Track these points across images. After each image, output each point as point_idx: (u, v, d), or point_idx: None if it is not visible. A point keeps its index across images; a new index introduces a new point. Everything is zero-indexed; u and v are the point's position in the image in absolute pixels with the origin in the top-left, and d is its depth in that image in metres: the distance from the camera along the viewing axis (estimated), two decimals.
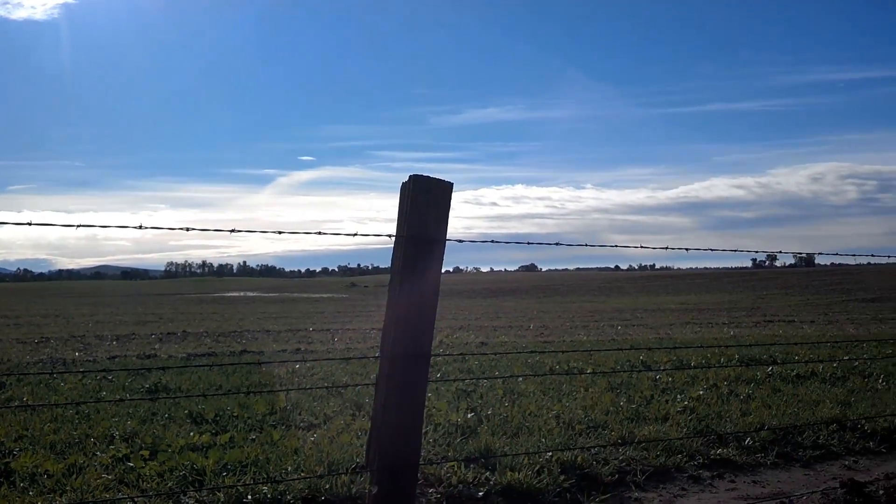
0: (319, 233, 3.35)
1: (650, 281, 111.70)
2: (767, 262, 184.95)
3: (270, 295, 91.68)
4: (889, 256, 5.34)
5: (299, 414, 6.09)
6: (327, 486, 3.97)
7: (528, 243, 4.24)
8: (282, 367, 9.37)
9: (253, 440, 5.11)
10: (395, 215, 3.28)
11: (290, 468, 4.36)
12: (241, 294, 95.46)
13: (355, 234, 3.50)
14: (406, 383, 3.22)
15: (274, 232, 3.29)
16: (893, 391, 7.38)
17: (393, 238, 3.28)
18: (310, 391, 7.10)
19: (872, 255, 5.17)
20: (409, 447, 3.27)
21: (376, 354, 3.32)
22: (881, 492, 4.10)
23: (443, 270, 3.33)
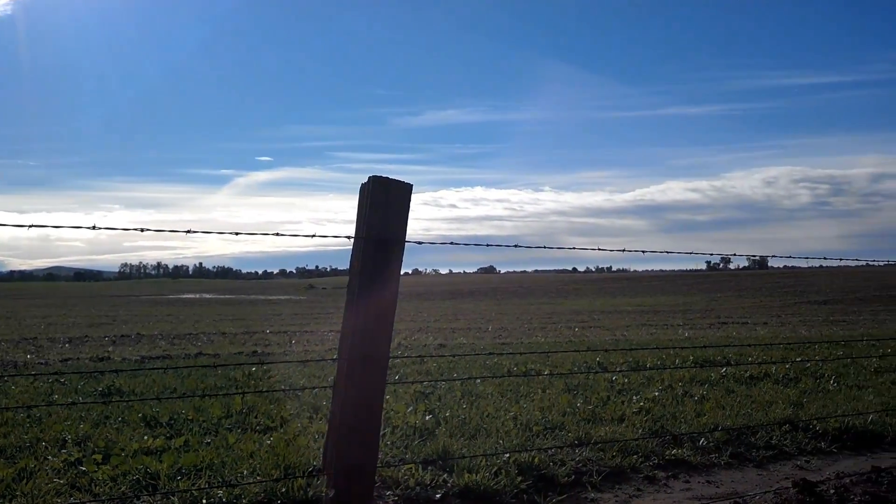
0: (277, 234, 3.33)
1: (607, 283, 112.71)
2: (721, 265, 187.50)
3: (227, 297, 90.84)
4: (841, 259, 5.45)
5: (255, 417, 6.04)
6: (283, 490, 3.94)
7: (487, 245, 4.26)
8: (238, 370, 9.28)
9: (208, 444, 5.05)
10: (354, 217, 3.27)
11: (245, 472, 4.32)
12: (197, 296, 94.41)
13: (313, 236, 3.49)
14: (364, 386, 3.21)
15: (231, 233, 3.26)
16: (844, 392, 7.53)
17: (352, 239, 3.27)
18: (266, 394, 7.04)
19: (825, 258, 5.28)
20: (366, 450, 3.26)
21: (334, 357, 3.31)
22: (832, 491, 4.18)
23: (402, 272, 3.32)
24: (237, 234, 3.30)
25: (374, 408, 3.27)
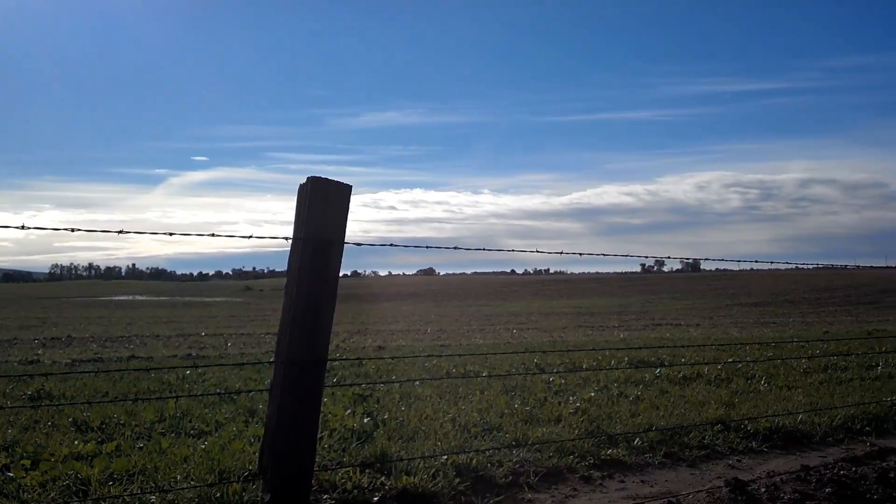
0: (213, 234, 3.28)
1: (545, 285, 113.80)
2: (656, 268, 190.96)
3: (161, 299, 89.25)
4: (771, 262, 5.59)
5: (190, 421, 5.95)
6: (218, 495, 3.88)
7: (427, 247, 4.26)
8: (172, 374, 9.13)
9: (141, 448, 4.96)
10: (293, 217, 3.24)
11: (179, 477, 4.25)
12: (130, 298, 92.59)
13: (250, 237, 3.45)
14: (301, 389, 3.19)
15: (164, 233, 3.20)
16: (775, 392, 7.71)
17: (290, 241, 3.24)
18: (201, 398, 6.94)
19: (756, 261, 5.41)
20: (303, 453, 3.23)
21: (271, 360, 3.27)
22: (763, 490, 4.27)
23: (341, 274, 3.30)
24: (171, 234, 3.24)
25: (312, 411, 3.24)
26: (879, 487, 4.34)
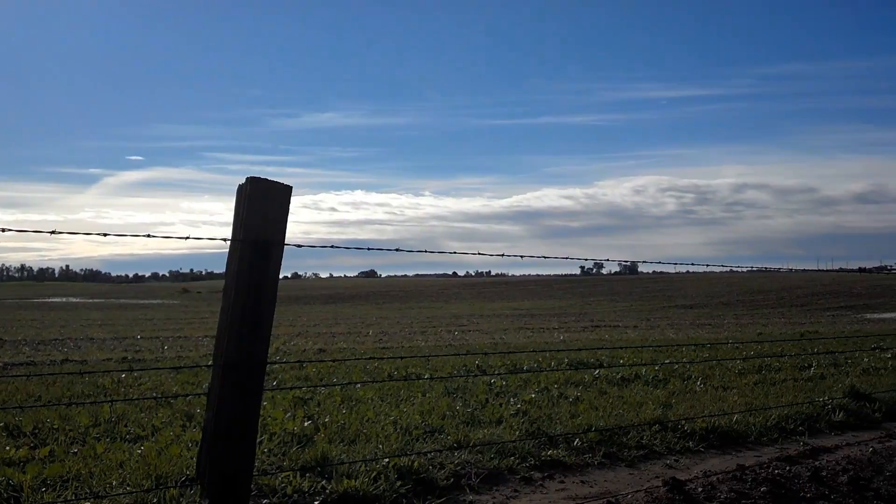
0: (148, 235, 3.22)
1: (486, 287, 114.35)
2: (595, 270, 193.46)
3: (95, 301, 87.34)
4: (707, 265, 5.69)
5: (126, 426, 5.83)
6: (155, 501, 3.80)
7: (368, 249, 4.24)
8: (107, 377, 8.93)
9: (75, 454, 4.84)
10: (231, 219, 3.19)
11: (115, 482, 4.16)
12: (64, 300, 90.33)
13: (187, 238, 3.38)
14: (240, 392, 3.14)
15: (99, 234, 3.12)
16: (711, 393, 7.86)
17: (228, 242, 3.19)
18: (137, 402, 6.80)
19: (692, 264, 5.50)
20: (242, 458, 3.18)
21: (209, 363, 3.22)
22: (700, 489, 4.34)
23: (281, 276, 3.26)
24: (105, 234, 3.17)
25: (251, 415, 3.20)
26: (813, 486, 4.44)
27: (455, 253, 4.48)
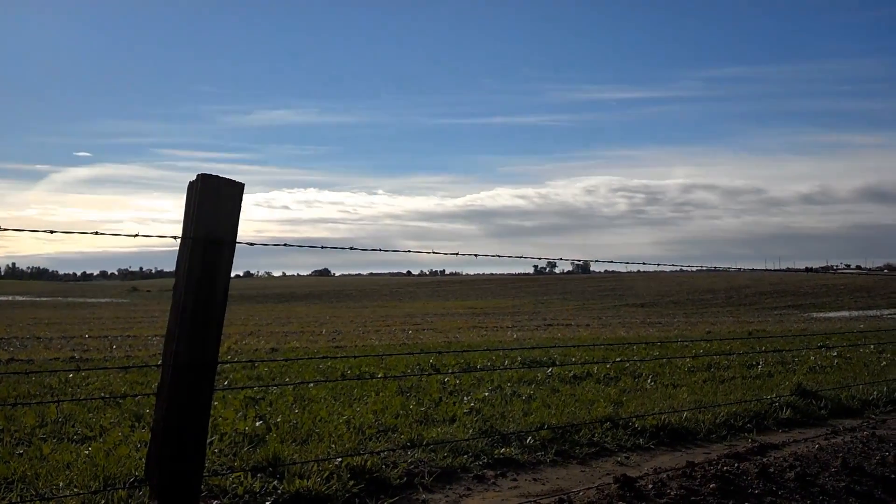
0: (96, 233, 3.15)
1: (440, 286, 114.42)
2: (548, 269, 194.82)
3: (42, 299, 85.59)
4: (658, 264, 5.74)
5: (73, 426, 5.73)
6: (103, 502, 3.74)
7: (322, 247, 4.21)
8: (54, 377, 8.76)
9: (20, 455, 4.75)
10: (182, 216, 3.14)
11: (61, 484, 4.08)
12: (10, 298, 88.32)
13: (136, 235, 3.32)
14: (190, 392, 3.09)
15: (45, 231, 3.06)
16: (661, 390, 7.96)
17: (178, 240, 3.14)
18: (85, 402, 6.68)
19: (644, 263, 5.55)
20: (192, 458, 3.14)
21: (158, 362, 3.17)
22: (650, 486, 4.39)
23: (232, 274, 3.22)
24: (52, 232, 3.10)
25: (201, 415, 3.15)
26: (760, 482, 4.52)
27: (409, 252, 4.47)
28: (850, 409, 7.31)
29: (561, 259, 5.49)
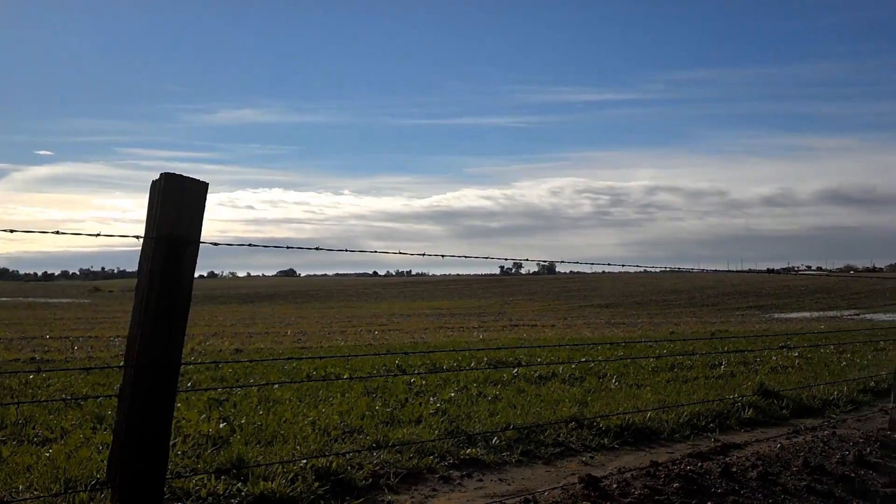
0: (58, 232, 3.11)
1: (406, 287, 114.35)
2: (514, 270, 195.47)
3: (2, 299, 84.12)
4: (623, 265, 5.78)
5: (33, 428, 5.64)
6: None
7: (287, 247, 4.18)
8: (14, 378, 8.61)
9: None
10: (144, 216, 3.11)
11: (21, 486, 4.02)
12: None
13: (98, 235, 3.28)
14: (153, 393, 3.06)
15: (5, 230, 3.00)
16: (625, 391, 8.01)
17: (141, 239, 3.11)
18: (46, 404, 6.57)
19: (609, 264, 5.59)
20: (154, 460, 3.10)
21: (121, 364, 3.13)
22: (615, 486, 4.42)
23: (196, 274, 3.19)
24: (12, 231, 3.04)
25: (164, 416, 3.12)
26: (723, 481, 4.57)
27: (375, 252, 4.46)
28: (812, 408, 7.41)
29: (527, 260, 5.52)
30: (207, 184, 3.12)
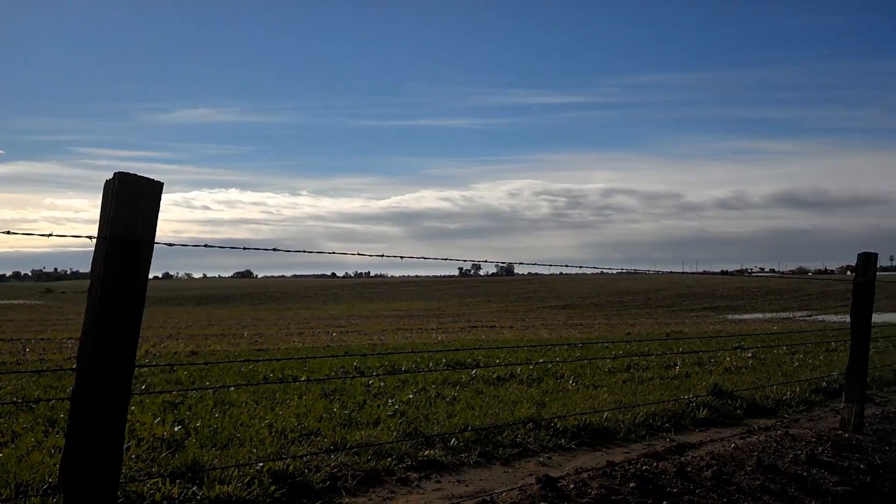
0: (8, 232, 3.05)
1: (365, 288, 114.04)
2: (472, 271, 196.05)
3: None
4: (580, 267, 5.82)
5: None
6: None
7: (244, 248, 4.15)
8: None
9: None
10: (98, 216, 3.06)
11: None
12: None
13: (50, 235, 3.22)
14: (106, 396, 3.01)
15: None
16: (582, 391, 8.07)
17: (94, 240, 3.06)
18: None
19: (567, 266, 5.61)
20: (108, 464, 3.06)
21: (74, 366, 3.07)
22: (572, 486, 4.45)
23: (151, 275, 3.15)
24: None
25: (117, 419, 3.07)
26: (678, 481, 4.62)
27: (334, 253, 4.43)
28: (765, 408, 7.53)
29: (485, 261, 5.55)
30: (162, 183, 3.08)
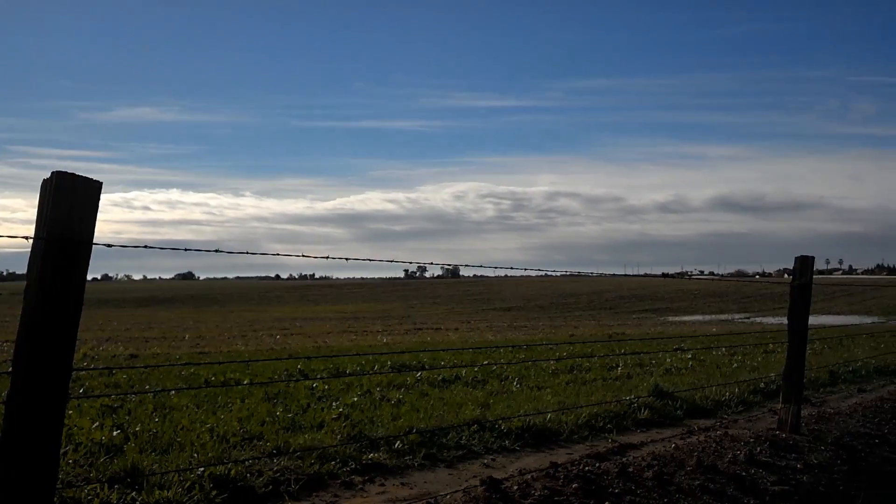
0: None
1: (310, 290, 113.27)
2: (418, 274, 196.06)
3: None
4: (525, 269, 5.85)
5: None
6: None
7: (186, 249, 4.08)
8: None
9: None
10: (35, 216, 2.99)
11: None
12: None
13: None
14: (42, 400, 2.94)
15: None
16: (526, 393, 8.11)
17: (30, 240, 2.98)
18: None
19: (511, 268, 5.63)
20: (44, 470, 2.98)
21: (9, 370, 3.00)
22: (516, 487, 4.47)
23: (89, 277, 3.09)
24: None
25: (54, 424, 3.00)
26: (620, 481, 4.67)
27: (278, 255, 4.39)
28: (705, 409, 7.65)
29: (431, 264, 5.53)
30: (101, 183, 3.02)
